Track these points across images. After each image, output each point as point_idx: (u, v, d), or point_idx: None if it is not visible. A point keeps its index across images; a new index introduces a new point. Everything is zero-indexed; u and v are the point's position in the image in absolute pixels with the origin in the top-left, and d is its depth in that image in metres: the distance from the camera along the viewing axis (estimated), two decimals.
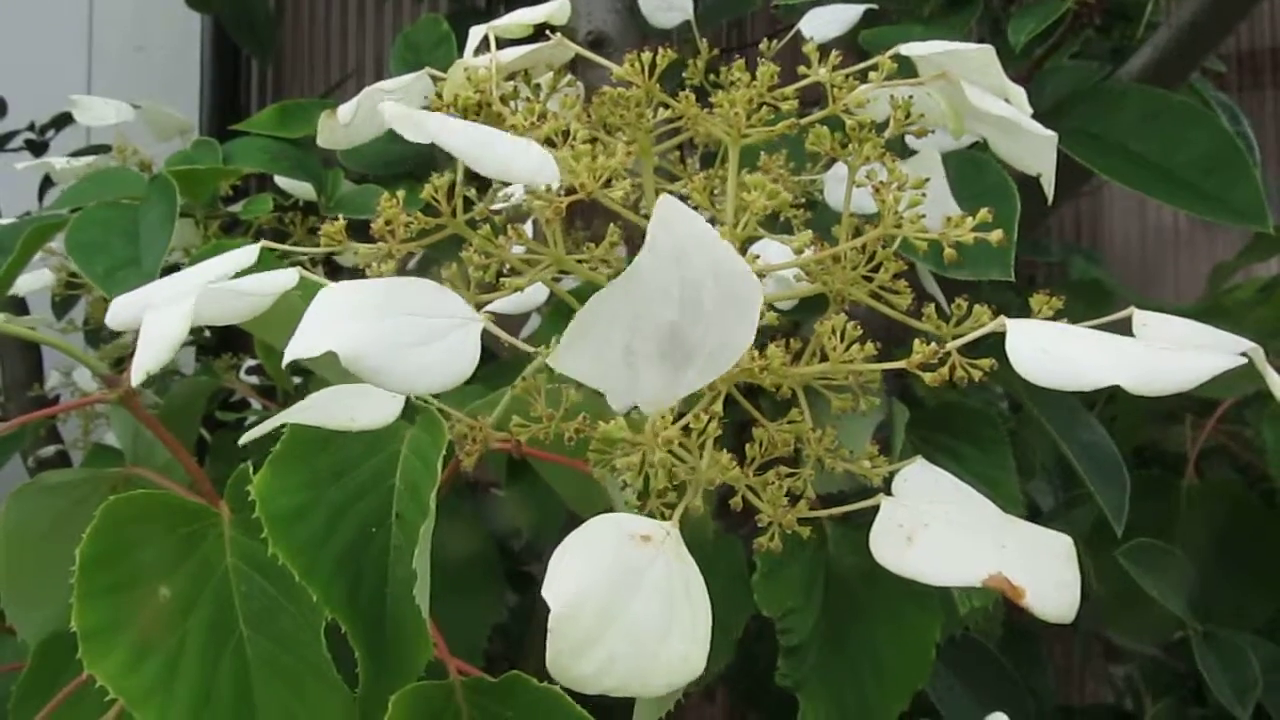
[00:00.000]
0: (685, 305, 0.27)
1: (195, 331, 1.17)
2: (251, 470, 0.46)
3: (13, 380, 1.24)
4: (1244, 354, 0.31)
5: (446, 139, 0.29)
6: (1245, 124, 0.74)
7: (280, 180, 0.80)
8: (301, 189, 0.79)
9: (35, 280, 0.84)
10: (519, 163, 0.29)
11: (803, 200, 0.54)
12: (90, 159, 0.85)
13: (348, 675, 0.46)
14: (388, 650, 0.45)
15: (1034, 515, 0.91)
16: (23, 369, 1.23)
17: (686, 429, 0.31)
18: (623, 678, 0.26)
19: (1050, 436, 0.72)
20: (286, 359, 0.28)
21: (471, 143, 0.30)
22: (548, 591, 0.26)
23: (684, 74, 0.55)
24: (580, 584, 0.26)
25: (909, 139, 0.53)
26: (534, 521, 0.82)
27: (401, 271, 0.82)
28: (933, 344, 0.32)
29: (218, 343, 1.09)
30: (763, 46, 0.53)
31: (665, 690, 0.26)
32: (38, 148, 1.48)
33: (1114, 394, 0.53)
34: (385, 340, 0.27)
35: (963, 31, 0.69)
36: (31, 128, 1.49)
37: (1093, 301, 1.18)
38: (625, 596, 0.26)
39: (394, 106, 0.31)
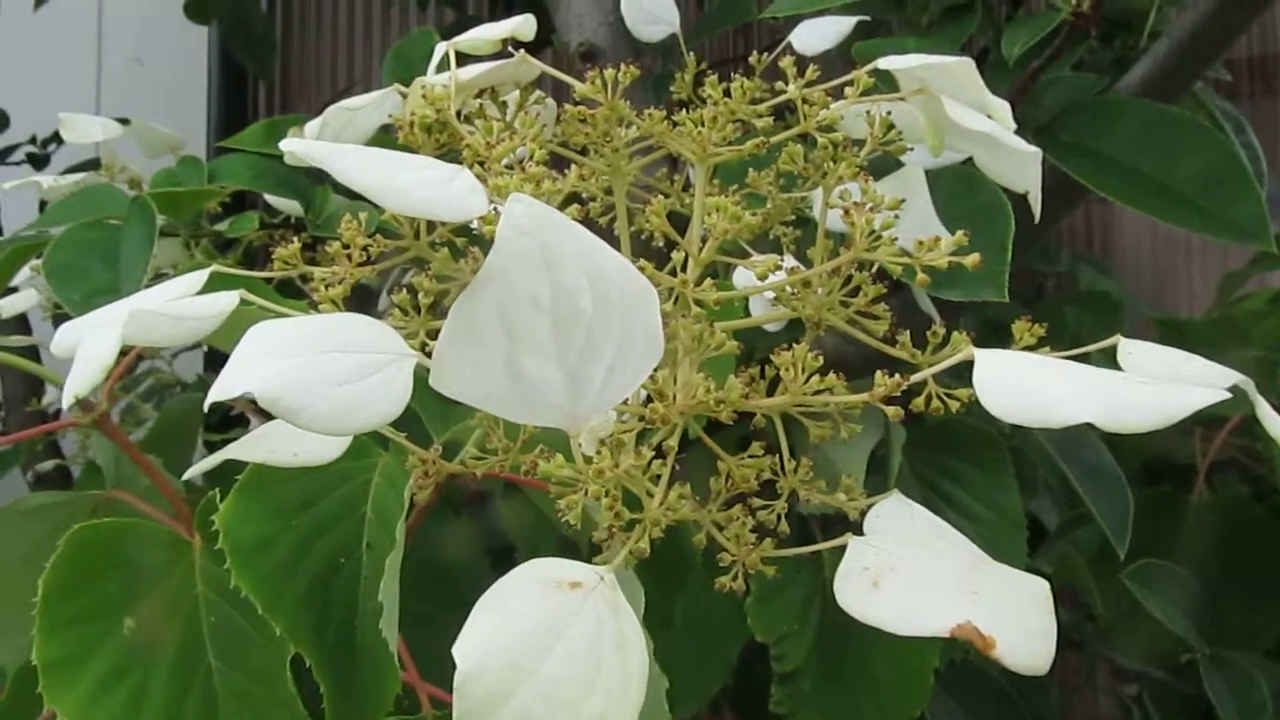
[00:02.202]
0: (559, 312, 0.26)
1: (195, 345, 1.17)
2: (218, 498, 0.45)
3: (12, 395, 1.24)
4: (1234, 387, 0.30)
5: (341, 170, 0.28)
6: (1251, 134, 0.72)
7: (269, 197, 0.79)
8: (290, 206, 0.78)
9: (24, 300, 0.83)
10: (430, 194, 0.28)
11: (792, 218, 0.52)
12: (79, 176, 0.84)
13: (318, 708, 0.44)
14: (355, 684, 0.44)
15: (1039, 534, 0.89)
16: (23, 384, 1.23)
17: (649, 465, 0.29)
18: None
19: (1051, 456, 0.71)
20: (208, 402, 0.26)
21: (371, 175, 0.28)
22: (456, 648, 0.24)
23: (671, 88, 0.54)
24: (491, 636, 0.25)
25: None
26: (528, 535, 0.80)
27: (391, 290, 0.81)
28: (897, 375, 0.31)
29: (219, 357, 1.08)
30: (753, 60, 0.51)
31: None
32: (39, 161, 1.48)
33: None
34: (307, 379, 0.26)
35: (959, 42, 0.68)
36: (33, 141, 1.49)
37: (1101, 312, 1.16)
38: (542, 649, 0.25)
39: (289, 140, 0.29)
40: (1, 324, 0.92)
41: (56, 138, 1.49)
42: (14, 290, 0.84)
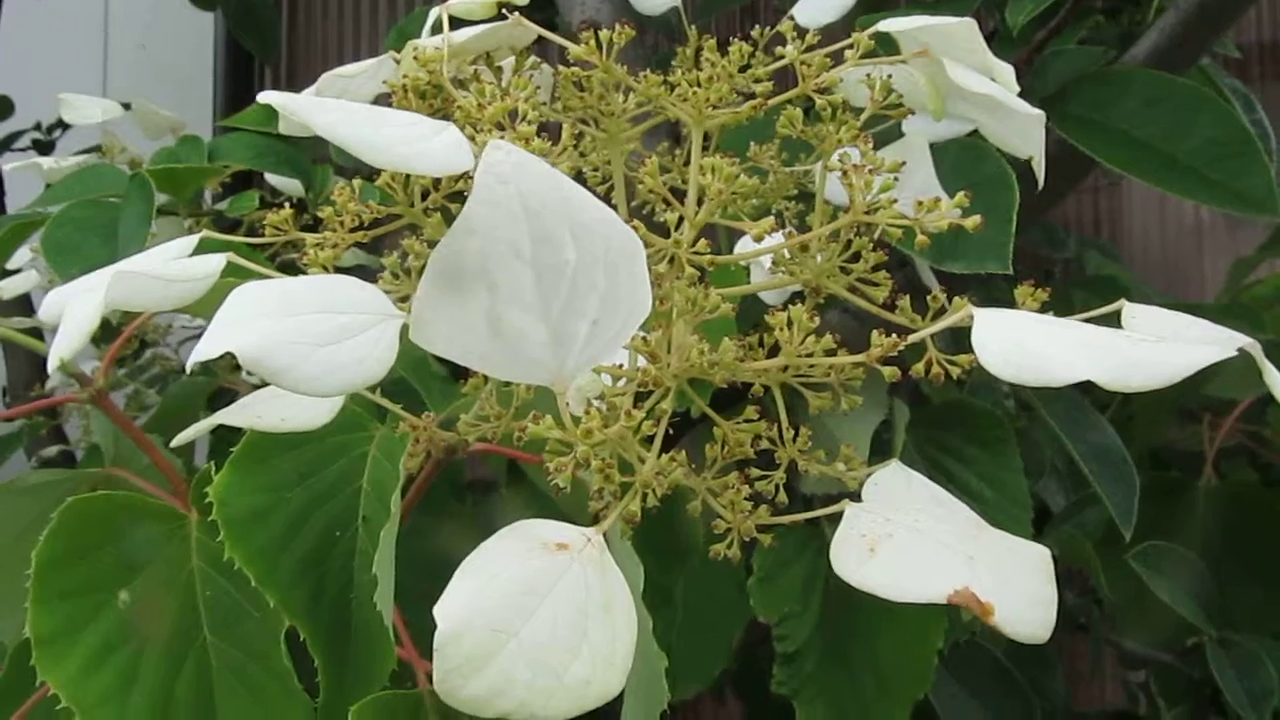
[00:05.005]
0: (541, 263, 0.25)
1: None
2: (213, 471, 0.45)
3: (16, 380, 1.24)
4: (1241, 349, 0.29)
5: (321, 123, 0.28)
6: (1261, 112, 0.71)
7: (270, 176, 0.78)
8: (291, 185, 0.78)
9: (25, 282, 0.82)
10: (412, 149, 0.27)
11: (795, 193, 0.52)
12: (80, 158, 0.84)
13: (314, 682, 0.44)
14: (351, 658, 0.43)
15: (1044, 516, 0.89)
16: (28, 368, 1.23)
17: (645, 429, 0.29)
18: (521, 700, 0.23)
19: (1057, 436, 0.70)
20: (190, 362, 0.26)
21: (352, 128, 0.28)
22: (437, 609, 0.24)
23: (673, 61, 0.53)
24: (473, 598, 0.24)
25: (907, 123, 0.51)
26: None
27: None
28: (893, 335, 0.30)
29: None
30: (755, 34, 0.51)
31: (572, 714, 0.24)
32: (44, 147, 1.47)
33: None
34: (290, 339, 0.25)
35: (966, 16, 0.67)
36: (38, 127, 1.48)
37: (1109, 296, 1.14)
38: (526, 612, 0.24)
39: (269, 92, 0.29)
40: (3, 306, 0.92)
41: (61, 124, 1.49)
42: (16, 272, 0.84)
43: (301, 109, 0.28)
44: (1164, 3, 0.65)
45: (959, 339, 0.33)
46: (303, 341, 0.25)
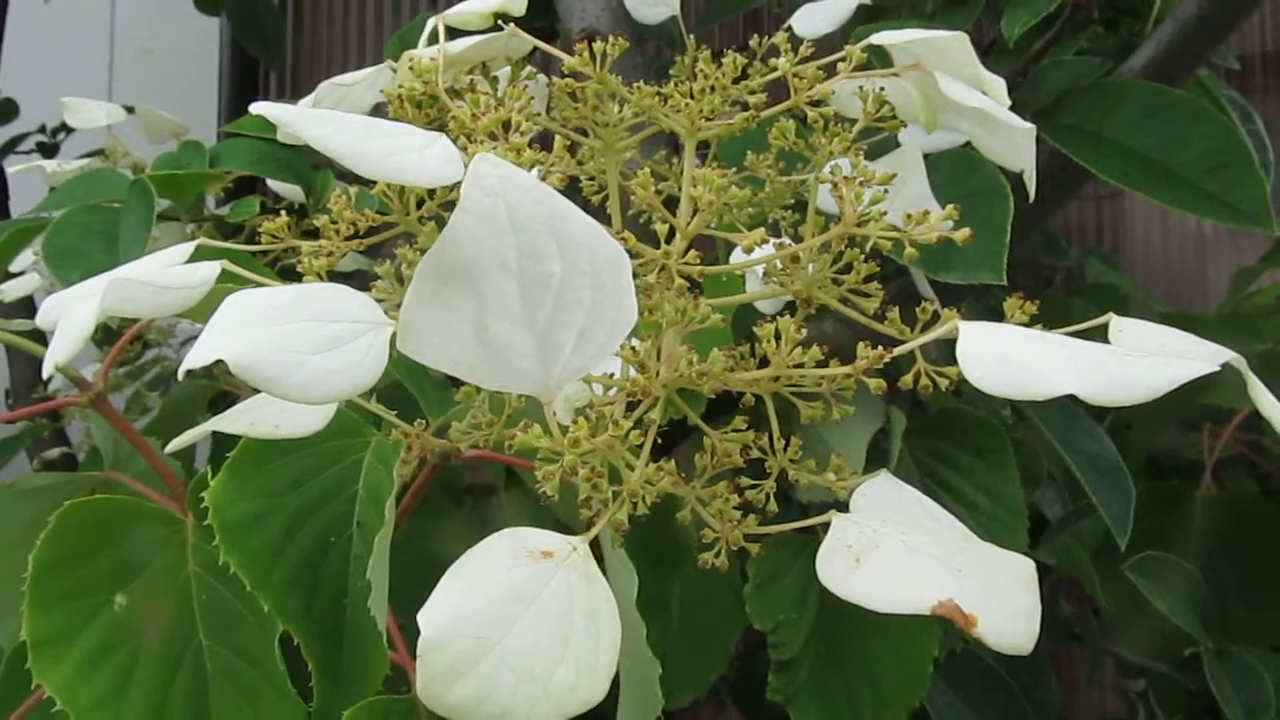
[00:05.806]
0: (526, 275, 0.25)
1: None
2: (210, 476, 0.45)
3: (20, 382, 1.24)
4: (1227, 364, 0.29)
5: (314, 134, 0.28)
6: (1259, 123, 0.72)
7: (271, 182, 0.79)
8: (292, 191, 0.78)
9: (28, 284, 0.83)
10: (403, 161, 0.28)
11: (791, 202, 0.52)
12: (84, 161, 0.84)
13: (308, 687, 0.44)
14: (344, 663, 0.44)
15: (1041, 525, 0.89)
16: (30, 371, 1.23)
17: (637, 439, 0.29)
18: (505, 706, 0.24)
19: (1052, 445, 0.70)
20: (182, 370, 0.26)
21: (343, 139, 0.28)
22: (421, 615, 0.24)
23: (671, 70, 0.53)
24: (458, 604, 0.24)
25: (902, 134, 0.51)
26: (527, 525, 0.80)
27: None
28: (880, 348, 0.30)
29: None
30: (753, 43, 0.51)
31: None
32: (48, 150, 1.48)
33: None
34: (282, 347, 0.25)
35: (964, 28, 0.67)
36: (43, 130, 1.49)
37: (1108, 305, 1.14)
38: (510, 618, 0.24)
39: (262, 104, 0.29)
40: (6, 308, 0.92)
41: (66, 127, 1.49)
42: (20, 274, 0.84)
43: (294, 121, 0.28)
44: (1163, 13, 0.65)
45: (952, 348, 0.34)
46: (294, 349, 0.26)
